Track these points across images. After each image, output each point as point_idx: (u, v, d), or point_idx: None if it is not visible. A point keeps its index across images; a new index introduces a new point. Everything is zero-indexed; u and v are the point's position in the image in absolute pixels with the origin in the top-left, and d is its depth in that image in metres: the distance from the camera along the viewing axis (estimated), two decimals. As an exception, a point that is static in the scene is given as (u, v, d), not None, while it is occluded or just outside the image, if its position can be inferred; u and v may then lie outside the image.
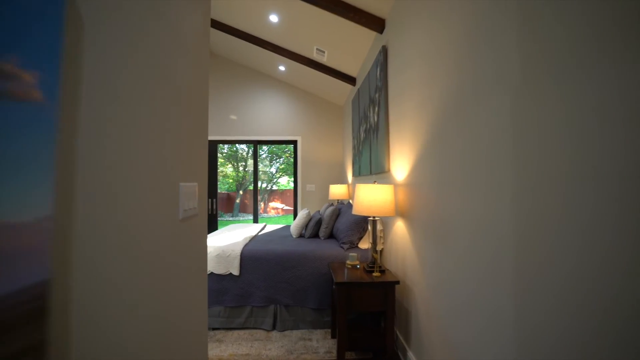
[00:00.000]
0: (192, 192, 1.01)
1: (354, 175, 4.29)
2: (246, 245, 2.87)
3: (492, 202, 1.16)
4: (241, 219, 14.60)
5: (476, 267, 1.27)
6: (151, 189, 0.73)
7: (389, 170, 2.58)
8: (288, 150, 15.61)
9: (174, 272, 0.88)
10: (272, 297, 2.60)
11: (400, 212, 2.26)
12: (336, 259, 2.66)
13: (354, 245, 2.80)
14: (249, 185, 15.43)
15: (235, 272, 2.61)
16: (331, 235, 3.31)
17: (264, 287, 2.61)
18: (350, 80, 4.35)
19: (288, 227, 4.19)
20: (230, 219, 14.66)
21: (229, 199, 15.95)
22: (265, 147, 15.63)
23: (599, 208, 0.74)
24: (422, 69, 1.88)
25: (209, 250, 2.69)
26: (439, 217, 1.64)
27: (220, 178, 15.66)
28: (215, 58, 5.61)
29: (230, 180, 15.93)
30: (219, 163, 15.35)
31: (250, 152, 15.24)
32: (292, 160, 15.70)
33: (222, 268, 2.62)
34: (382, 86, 2.68)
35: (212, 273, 2.62)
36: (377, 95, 2.88)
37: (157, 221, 0.77)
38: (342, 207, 3.59)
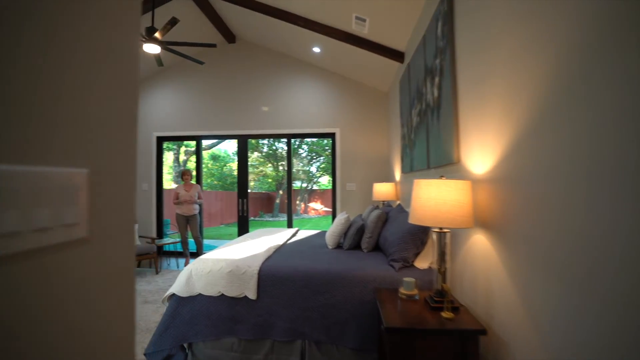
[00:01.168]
0: (52, 188, 0.41)
1: (403, 171, 3.54)
2: (268, 259, 2.27)
3: None
4: (280, 219, 14.31)
5: None
6: None
7: (458, 162, 1.83)
8: (328, 148, 15.06)
9: None
10: (298, 330, 1.98)
11: (480, 221, 1.51)
12: (384, 282, 1.96)
13: (408, 264, 2.07)
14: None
15: (252, 294, 2.02)
16: (376, 247, 2.61)
17: (288, 317, 1.99)
18: (397, 56, 3.60)
19: (324, 233, 3.55)
20: (270, 219, 14.45)
21: (269, 199, 15.81)
22: (305, 146, 15.22)
23: None
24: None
25: (219, 265, 2.13)
26: (571, 239, 0.88)
27: (260, 178, 15.57)
28: (240, 43, 5.15)
29: (270, 180, 15.78)
30: (258, 162, 15.28)
31: (291, 152, 14.91)
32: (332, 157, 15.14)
33: (235, 289, 2.05)
34: (446, 45, 1.93)
35: (222, 295, 2.06)
36: (437, 60, 2.13)
37: None
38: (391, 211, 2.87)
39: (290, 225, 5.11)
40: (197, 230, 4.74)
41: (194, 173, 5.34)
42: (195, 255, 5.16)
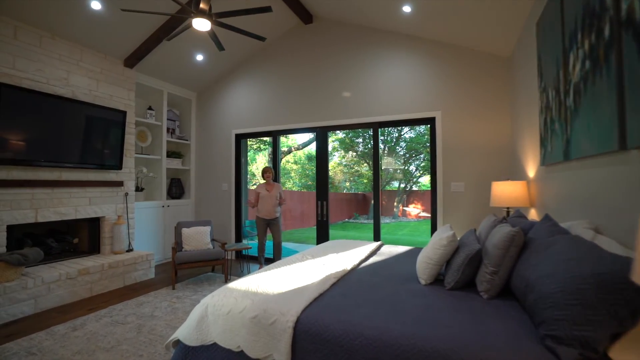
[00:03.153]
0: None
1: (544, 163, 2.27)
2: (316, 300, 1.45)
3: None
4: (376, 222, 13.35)
5: None
6: None
7: None
8: (428, 144, 13.40)
9: None
10: None
11: None
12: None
13: (594, 354, 0.96)
14: (385, 185, 14.07)
15: (283, 359, 1.23)
16: (505, 289, 1.52)
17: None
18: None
19: (417, 251, 2.54)
20: (365, 222, 13.64)
21: (365, 200, 15.01)
22: (403, 143, 13.90)
23: None
24: None
25: (243, 304, 1.41)
26: None
27: (355, 178, 14.89)
28: (318, 23, 4.45)
29: (366, 181, 14.97)
30: (353, 162, 14.63)
31: (387, 149, 13.83)
32: (431, 149, 13.37)
33: (260, 346, 1.30)
34: None
35: (242, 352, 1.33)
36: None
37: None
38: (531, 228, 1.71)
39: (377, 232, 4.17)
40: (279, 235, 4.24)
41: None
42: (270, 261, 4.71)
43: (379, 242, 2.86)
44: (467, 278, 1.59)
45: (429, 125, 3.96)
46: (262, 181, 4.35)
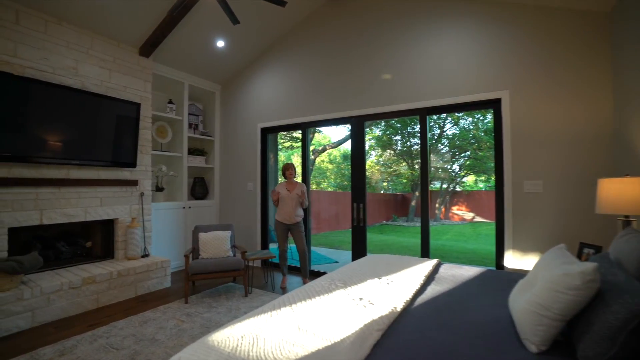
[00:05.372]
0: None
1: None
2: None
3: None
4: (417, 224, 12.37)
5: None
6: None
7: None
8: (475, 141, 12.13)
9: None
10: None
11: None
12: None
13: None
14: (426, 186, 13.04)
15: None
16: None
17: None
18: None
19: (491, 275, 1.81)
20: (405, 224, 12.71)
21: (404, 201, 14.06)
22: (445, 140, 12.76)
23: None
24: None
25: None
26: None
27: (393, 178, 13.98)
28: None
29: (405, 180, 14.01)
30: (391, 161, 13.73)
31: (429, 147, 12.77)
32: (480, 153, 12.10)
33: None
34: None
35: None
36: None
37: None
38: None
39: (425, 239, 3.42)
40: (303, 242, 3.65)
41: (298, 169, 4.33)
42: (295, 270, 4.13)
43: (434, 261, 2.15)
44: (630, 354, 0.87)
45: (490, 110, 3.15)
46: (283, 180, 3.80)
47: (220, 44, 4.11)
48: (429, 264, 2.03)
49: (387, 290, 1.50)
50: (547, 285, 1.04)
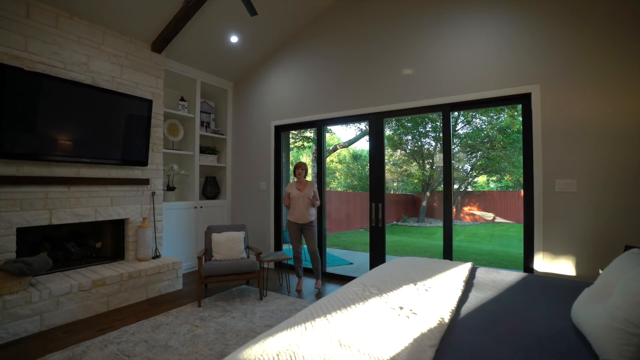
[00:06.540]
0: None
1: None
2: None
3: None
4: (427, 225, 12.12)
5: None
6: None
7: None
8: (488, 140, 11.86)
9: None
10: None
11: None
12: None
13: None
14: (437, 186, 12.77)
15: None
16: None
17: None
18: None
19: (534, 280, 1.64)
20: (415, 224, 12.46)
21: (414, 201, 13.81)
22: (457, 140, 12.50)
23: None
24: None
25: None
26: None
27: (404, 178, 13.74)
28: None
29: (416, 181, 13.77)
30: (401, 160, 13.51)
31: (439, 146, 12.53)
32: (492, 153, 11.82)
33: None
34: None
35: None
36: None
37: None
38: None
39: (448, 242, 3.24)
40: (314, 243, 3.51)
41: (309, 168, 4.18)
42: (307, 272, 3.98)
43: (468, 265, 1.99)
44: None
45: (518, 106, 2.97)
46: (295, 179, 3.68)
47: (234, 39, 3.99)
48: (464, 268, 1.87)
49: (427, 297, 1.35)
50: (636, 299, 0.88)
